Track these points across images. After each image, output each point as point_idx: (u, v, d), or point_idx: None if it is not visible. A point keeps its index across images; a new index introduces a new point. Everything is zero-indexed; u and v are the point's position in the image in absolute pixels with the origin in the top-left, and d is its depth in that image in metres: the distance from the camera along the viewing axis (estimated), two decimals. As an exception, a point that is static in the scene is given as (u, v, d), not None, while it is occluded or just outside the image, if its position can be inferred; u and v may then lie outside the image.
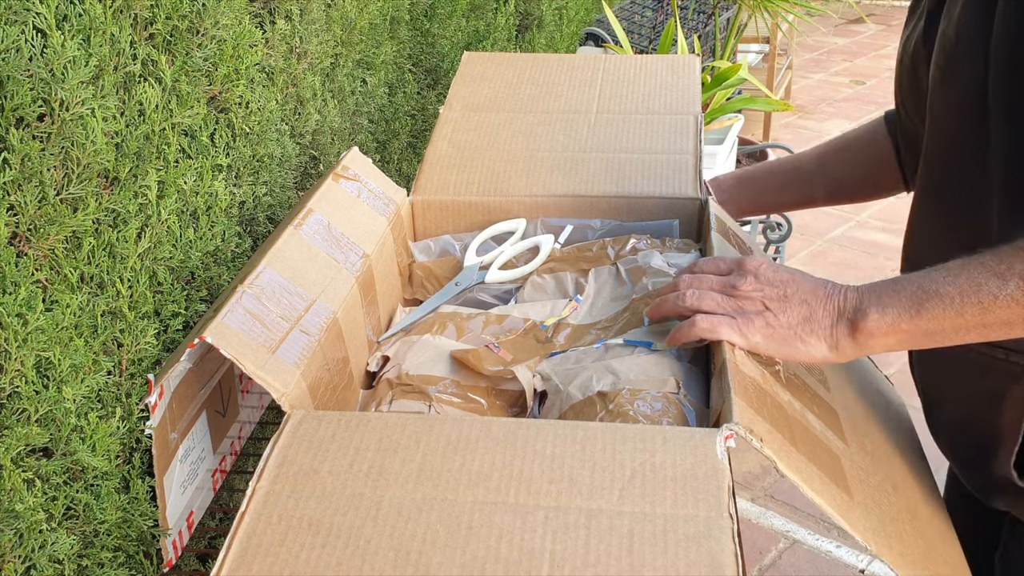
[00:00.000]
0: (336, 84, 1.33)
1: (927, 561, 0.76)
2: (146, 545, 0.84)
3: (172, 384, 0.82)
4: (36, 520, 0.71)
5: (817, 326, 0.77)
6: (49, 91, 0.71)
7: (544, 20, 2.42)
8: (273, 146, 1.10)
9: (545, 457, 0.67)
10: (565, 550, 0.61)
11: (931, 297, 0.73)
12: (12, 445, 0.69)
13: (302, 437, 0.71)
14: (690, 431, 0.69)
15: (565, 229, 1.08)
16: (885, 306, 0.75)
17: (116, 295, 0.81)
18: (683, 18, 3.38)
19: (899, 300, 0.74)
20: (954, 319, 0.73)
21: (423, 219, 1.11)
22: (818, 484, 0.70)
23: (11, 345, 0.69)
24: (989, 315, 0.71)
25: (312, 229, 0.92)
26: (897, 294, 0.75)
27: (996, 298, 0.70)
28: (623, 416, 0.78)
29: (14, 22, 0.68)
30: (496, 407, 0.88)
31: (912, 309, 0.74)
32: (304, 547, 0.62)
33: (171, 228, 0.88)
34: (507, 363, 0.90)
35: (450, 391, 0.89)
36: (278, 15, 1.14)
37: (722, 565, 0.59)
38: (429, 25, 1.64)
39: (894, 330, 0.75)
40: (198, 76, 0.92)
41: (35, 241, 0.72)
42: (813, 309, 0.78)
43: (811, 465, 0.70)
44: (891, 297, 0.75)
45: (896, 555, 0.71)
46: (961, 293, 0.72)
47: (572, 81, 1.31)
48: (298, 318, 0.84)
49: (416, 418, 0.73)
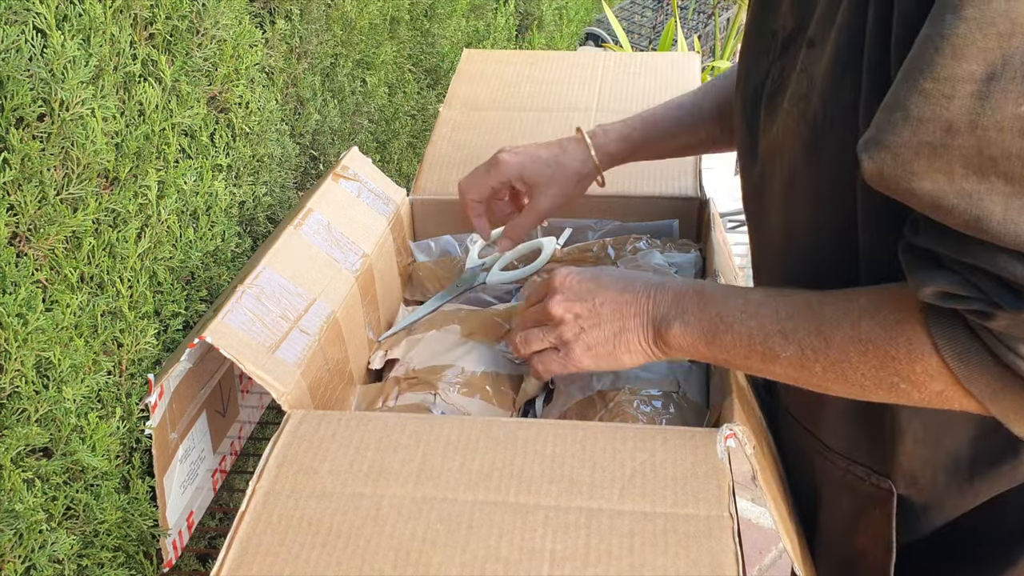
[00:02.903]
0: (336, 84, 1.33)
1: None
2: (146, 545, 0.84)
3: (172, 384, 0.82)
4: (36, 520, 0.71)
5: (631, 336, 0.74)
6: (49, 91, 0.71)
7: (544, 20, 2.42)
8: (273, 146, 1.10)
9: (545, 457, 0.67)
10: (565, 549, 0.61)
11: (726, 330, 0.69)
12: (12, 445, 0.69)
13: (302, 437, 0.71)
14: (690, 431, 0.69)
15: (565, 232, 1.08)
16: (688, 323, 0.71)
17: (116, 295, 0.81)
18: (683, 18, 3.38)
19: (700, 320, 0.71)
20: (743, 360, 0.69)
21: (423, 219, 1.11)
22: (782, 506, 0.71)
23: (11, 345, 0.69)
24: (771, 367, 0.68)
25: (312, 229, 0.92)
26: (700, 313, 0.71)
27: (777, 356, 0.66)
28: (623, 415, 0.79)
29: (14, 22, 0.68)
30: (501, 395, 0.88)
31: (709, 334, 0.70)
32: (304, 547, 0.62)
33: (171, 228, 0.88)
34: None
35: (455, 380, 0.89)
36: (278, 15, 1.14)
37: (722, 565, 0.59)
38: (429, 25, 1.64)
39: (694, 349, 0.72)
40: (198, 76, 0.92)
41: (35, 241, 0.72)
42: (624, 319, 0.75)
43: (772, 484, 0.71)
44: (694, 315, 0.71)
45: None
46: (750, 337, 0.67)
47: (572, 79, 1.31)
48: (298, 318, 0.84)
49: (416, 418, 0.73)
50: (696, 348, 0.72)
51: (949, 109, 0.49)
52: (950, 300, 0.56)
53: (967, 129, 0.49)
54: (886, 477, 0.72)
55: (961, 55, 0.48)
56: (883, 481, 0.72)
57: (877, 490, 0.73)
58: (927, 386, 0.61)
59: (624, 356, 0.76)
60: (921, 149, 0.51)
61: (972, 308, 0.55)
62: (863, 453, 0.73)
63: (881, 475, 0.72)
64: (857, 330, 0.63)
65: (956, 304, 0.56)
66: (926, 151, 0.51)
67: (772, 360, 0.67)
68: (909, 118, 0.51)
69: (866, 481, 0.73)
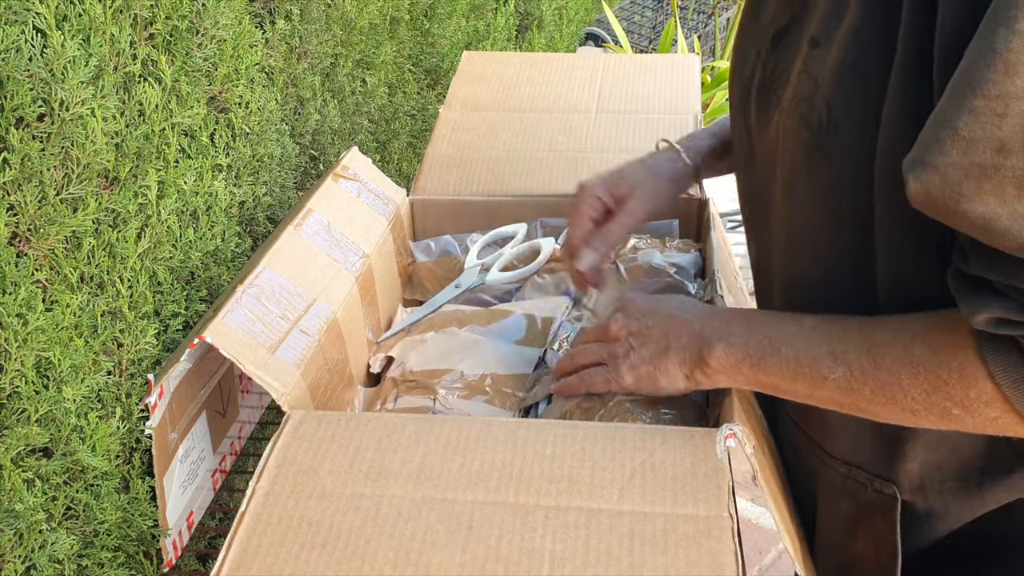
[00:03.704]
0: (336, 84, 1.33)
1: None
2: (146, 545, 0.84)
3: (172, 384, 0.82)
4: (36, 520, 0.71)
5: (673, 357, 0.73)
6: (49, 91, 0.71)
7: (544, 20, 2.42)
8: (273, 146, 1.10)
9: (545, 457, 0.67)
10: (565, 550, 0.61)
11: (773, 353, 0.67)
12: (12, 445, 0.69)
13: (302, 437, 0.71)
14: (690, 431, 0.69)
15: (565, 230, 1.08)
16: (732, 344, 0.69)
17: (116, 295, 0.81)
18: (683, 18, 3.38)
19: (746, 342, 0.68)
20: (788, 383, 0.67)
21: (423, 219, 1.11)
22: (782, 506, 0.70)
23: (11, 345, 0.69)
24: (818, 391, 0.66)
25: (312, 229, 0.92)
26: (747, 334, 0.69)
27: (825, 379, 0.64)
28: (622, 415, 0.78)
29: (14, 22, 0.68)
30: (502, 395, 0.88)
31: (755, 356, 0.68)
32: (304, 547, 0.62)
33: (171, 228, 0.88)
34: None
35: (455, 385, 0.89)
36: (278, 15, 1.14)
37: (722, 565, 0.59)
38: (429, 25, 1.64)
39: (737, 371, 0.69)
40: (198, 76, 0.92)
41: (35, 241, 0.72)
42: (670, 339, 0.73)
43: (772, 484, 0.71)
44: (741, 336, 0.69)
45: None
46: (797, 361, 0.65)
47: (572, 80, 1.31)
48: (298, 318, 0.84)
49: (416, 418, 0.73)
50: (739, 370, 0.69)
51: (1001, 128, 0.47)
52: (1004, 326, 0.54)
53: (1021, 149, 0.47)
54: (890, 483, 0.71)
55: (1015, 71, 0.46)
56: (887, 487, 0.71)
57: (880, 496, 0.71)
58: (981, 412, 0.59)
59: (662, 379, 0.74)
60: (971, 170, 0.49)
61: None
62: (867, 459, 0.72)
63: (885, 480, 0.71)
64: (909, 352, 0.60)
65: (1011, 331, 0.54)
66: (976, 172, 0.49)
67: (819, 384, 0.65)
68: (958, 137, 0.48)
69: (868, 487, 0.72)
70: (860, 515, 0.74)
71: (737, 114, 0.75)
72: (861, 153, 0.60)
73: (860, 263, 0.64)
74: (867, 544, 0.74)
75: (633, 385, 0.76)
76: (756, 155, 0.72)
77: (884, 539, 0.72)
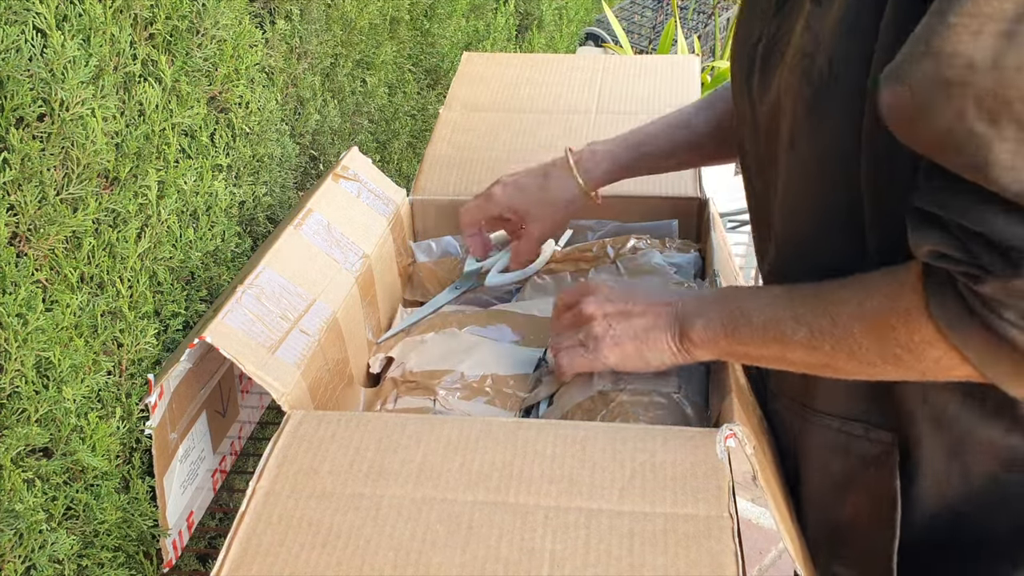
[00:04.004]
0: (336, 84, 1.33)
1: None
2: (146, 545, 0.84)
3: (172, 384, 0.82)
4: (36, 520, 0.71)
5: (660, 334, 0.76)
6: (49, 91, 0.71)
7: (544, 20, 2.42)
8: (273, 146, 1.10)
9: (545, 457, 0.67)
10: (565, 550, 0.61)
11: (745, 323, 0.70)
12: (12, 445, 0.69)
13: (302, 437, 0.71)
14: (690, 431, 0.69)
15: (565, 233, 1.08)
16: (710, 319, 0.73)
17: (116, 295, 0.81)
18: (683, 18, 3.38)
19: (720, 315, 0.72)
20: (760, 350, 0.70)
21: (423, 219, 1.11)
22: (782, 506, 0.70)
23: (11, 345, 0.69)
24: (788, 354, 0.69)
25: (312, 229, 0.92)
26: (721, 309, 0.73)
27: (791, 341, 0.67)
28: (623, 415, 0.78)
29: (14, 22, 0.68)
30: (503, 396, 0.88)
31: (728, 327, 0.72)
32: (304, 547, 0.62)
33: (171, 228, 0.88)
34: None
35: (455, 386, 0.89)
36: (278, 15, 1.14)
37: (722, 565, 0.59)
38: (429, 25, 1.64)
39: (715, 344, 0.73)
40: (198, 76, 0.92)
41: (35, 241, 0.72)
42: (654, 317, 0.77)
43: (773, 484, 0.71)
44: (716, 311, 0.73)
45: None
46: (765, 328, 0.69)
47: (572, 81, 1.31)
48: (298, 318, 0.84)
49: (416, 418, 0.73)
50: (717, 343, 0.73)
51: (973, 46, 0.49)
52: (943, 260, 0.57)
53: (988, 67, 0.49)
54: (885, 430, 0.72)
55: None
56: (883, 434, 0.72)
57: (875, 445, 0.72)
58: (926, 353, 0.61)
59: (649, 354, 0.77)
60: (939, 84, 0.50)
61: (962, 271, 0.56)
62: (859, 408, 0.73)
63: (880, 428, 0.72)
64: (863, 307, 0.63)
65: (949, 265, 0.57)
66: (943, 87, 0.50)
67: (787, 346, 0.68)
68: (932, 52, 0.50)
69: (863, 437, 0.73)
70: (852, 472, 0.75)
71: (741, 88, 0.76)
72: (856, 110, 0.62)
73: (851, 222, 0.66)
74: (861, 502, 0.75)
75: (617, 362, 0.79)
76: (760, 123, 0.73)
77: (882, 490, 0.73)
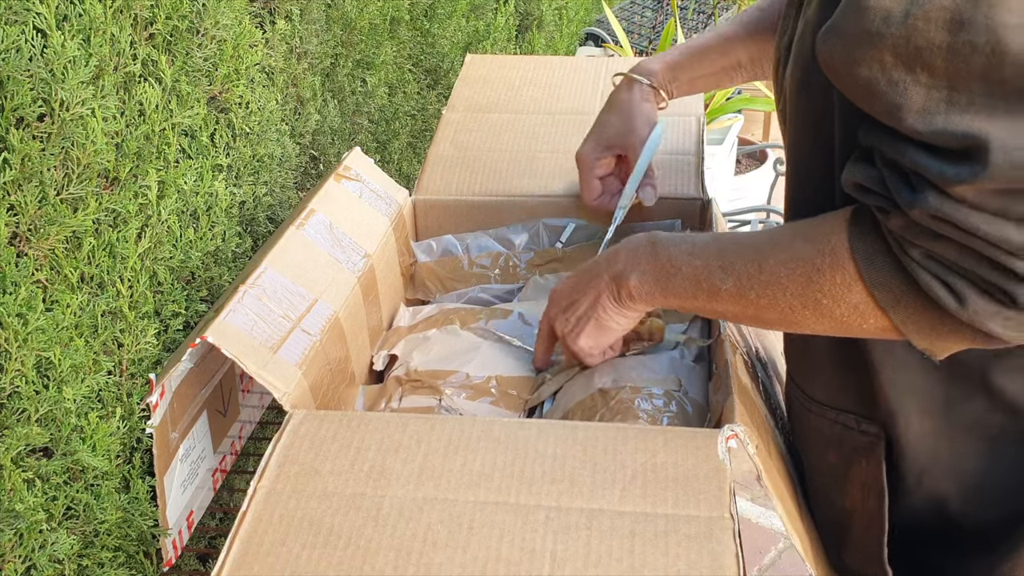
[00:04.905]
0: (336, 84, 1.33)
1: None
2: (146, 545, 0.84)
3: (173, 384, 0.82)
4: (36, 520, 0.71)
5: (604, 299, 0.78)
6: (49, 91, 0.71)
7: (544, 20, 2.42)
8: (273, 146, 1.10)
9: (546, 457, 0.67)
10: (566, 550, 0.60)
11: (675, 273, 0.71)
12: (12, 445, 0.69)
13: (303, 437, 0.71)
14: (692, 431, 0.69)
15: (567, 228, 1.08)
16: (644, 272, 0.74)
17: (116, 295, 0.81)
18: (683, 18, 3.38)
19: (653, 268, 0.73)
20: (692, 300, 0.71)
21: (425, 219, 1.11)
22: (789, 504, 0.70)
23: (11, 345, 0.69)
24: (717, 304, 0.70)
25: (314, 229, 0.92)
26: (653, 261, 0.73)
27: (719, 290, 0.68)
28: (624, 413, 0.78)
29: (14, 22, 0.68)
30: (507, 397, 0.88)
31: (662, 282, 0.73)
32: (305, 547, 0.62)
33: (171, 228, 0.88)
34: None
35: (459, 386, 0.89)
36: (278, 15, 1.14)
37: (723, 565, 0.59)
38: (429, 25, 1.64)
39: (651, 296, 0.75)
40: (198, 76, 0.92)
41: (35, 241, 0.72)
42: (595, 291, 0.78)
43: (778, 483, 0.71)
44: (648, 264, 0.74)
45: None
46: (695, 277, 0.70)
47: (574, 83, 1.31)
48: (299, 318, 0.84)
49: (417, 418, 0.73)
50: (654, 296, 0.74)
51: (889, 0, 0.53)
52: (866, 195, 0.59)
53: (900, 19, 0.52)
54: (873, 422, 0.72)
55: None
56: (871, 426, 0.72)
57: (865, 436, 0.73)
58: (845, 298, 0.62)
59: (608, 321, 0.79)
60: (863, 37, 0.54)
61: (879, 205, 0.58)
62: (850, 400, 0.73)
63: (869, 420, 0.73)
64: (790, 250, 0.65)
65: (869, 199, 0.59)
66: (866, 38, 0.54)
67: (716, 296, 0.69)
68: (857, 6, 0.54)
69: (855, 429, 0.74)
70: (848, 463, 0.75)
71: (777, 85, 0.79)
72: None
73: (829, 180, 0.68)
74: (857, 494, 0.75)
75: (589, 344, 0.82)
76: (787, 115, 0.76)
77: (871, 482, 0.74)
